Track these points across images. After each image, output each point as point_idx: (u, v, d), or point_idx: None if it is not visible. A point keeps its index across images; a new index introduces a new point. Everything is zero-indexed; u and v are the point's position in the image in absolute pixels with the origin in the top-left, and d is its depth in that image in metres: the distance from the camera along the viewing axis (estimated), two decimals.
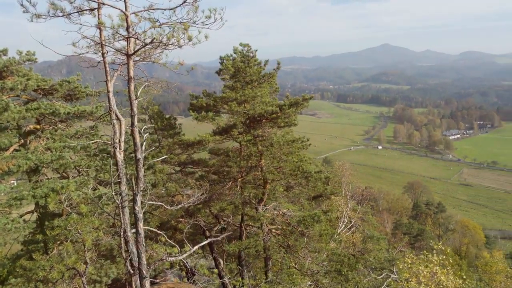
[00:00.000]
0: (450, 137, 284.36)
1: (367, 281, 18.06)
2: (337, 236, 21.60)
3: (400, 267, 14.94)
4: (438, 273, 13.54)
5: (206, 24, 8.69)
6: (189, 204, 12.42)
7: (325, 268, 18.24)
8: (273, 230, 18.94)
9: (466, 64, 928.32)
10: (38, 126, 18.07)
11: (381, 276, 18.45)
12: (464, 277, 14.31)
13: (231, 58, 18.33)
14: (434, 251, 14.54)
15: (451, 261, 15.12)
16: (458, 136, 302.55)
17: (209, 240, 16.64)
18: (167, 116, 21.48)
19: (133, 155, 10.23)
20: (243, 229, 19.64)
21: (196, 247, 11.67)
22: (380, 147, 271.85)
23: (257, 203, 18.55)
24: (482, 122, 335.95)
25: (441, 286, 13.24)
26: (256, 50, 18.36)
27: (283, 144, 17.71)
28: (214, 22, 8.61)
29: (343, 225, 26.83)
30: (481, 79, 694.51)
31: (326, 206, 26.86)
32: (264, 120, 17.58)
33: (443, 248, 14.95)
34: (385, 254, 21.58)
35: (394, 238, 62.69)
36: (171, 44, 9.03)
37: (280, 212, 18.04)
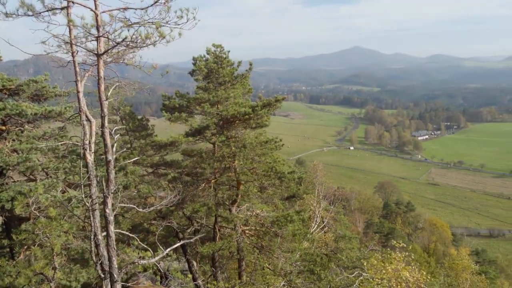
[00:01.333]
0: (419, 138, 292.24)
1: (339, 280, 18.33)
2: (310, 236, 21.83)
3: (365, 264, 15.30)
4: (402, 269, 13.93)
5: (179, 24, 8.63)
6: (161, 206, 12.29)
7: (298, 268, 18.40)
8: (247, 231, 18.97)
9: (434, 67, 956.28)
10: (3, 127, 17.48)
11: (353, 275, 18.77)
12: (430, 274, 14.77)
13: (204, 59, 18.26)
14: (397, 249, 14.98)
15: (413, 257, 15.57)
16: (427, 136, 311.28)
17: (182, 242, 16.52)
18: (139, 117, 21.18)
19: (103, 156, 10.03)
20: (217, 230, 19.59)
21: (169, 249, 11.57)
22: (352, 148, 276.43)
23: (231, 204, 18.54)
24: (449, 123, 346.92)
25: (404, 282, 13.62)
26: (229, 51, 18.36)
27: (256, 145, 17.77)
28: (187, 22, 8.57)
29: (316, 225, 27.13)
30: (448, 82, 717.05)
31: (299, 206, 27.10)
32: (237, 121, 17.59)
33: (405, 246, 15.40)
34: (357, 253, 21.98)
35: (366, 237, 63.86)
36: (143, 43, 8.93)
37: (254, 213, 18.09)
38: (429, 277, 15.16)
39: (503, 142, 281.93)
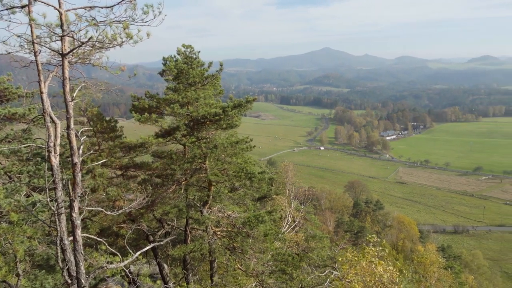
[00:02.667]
0: (387, 138, 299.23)
1: (310, 279, 18.52)
2: (282, 236, 21.96)
3: (340, 259, 15.51)
4: (376, 263, 14.19)
5: (146, 22, 8.50)
6: (131, 209, 12.07)
7: (270, 268, 18.47)
8: (219, 233, 18.89)
9: (401, 69, 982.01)
10: None
11: (324, 273, 19.01)
12: (401, 270, 15.12)
13: (174, 59, 18.07)
14: (371, 244, 15.25)
15: (387, 251, 15.91)
16: (394, 136, 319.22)
17: (152, 245, 16.25)
18: (107, 118, 20.70)
19: (70, 159, 9.76)
20: (188, 232, 19.42)
21: (139, 253, 11.37)
22: (322, 148, 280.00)
23: (202, 205, 18.41)
24: (415, 123, 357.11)
25: (378, 276, 13.88)
26: (199, 52, 18.25)
27: (227, 146, 17.73)
28: (154, 18, 8.45)
29: (287, 225, 27.31)
30: (415, 83, 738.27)
31: (271, 206, 27.21)
32: (207, 122, 17.49)
33: (379, 240, 15.73)
34: (328, 252, 22.27)
35: (336, 236, 64.84)
36: (110, 44, 8.74)
37: (225, 214, 18.04)
38: (398, 274, 15.53)
39: (466, 141, 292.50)
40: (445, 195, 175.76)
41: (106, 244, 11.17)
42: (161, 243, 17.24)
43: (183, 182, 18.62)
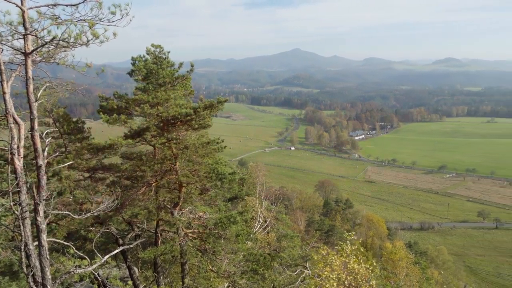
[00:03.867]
0: (356, 138, 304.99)
1: (282, 278, 18.65)
2: (253, 236, 22.00)
3: (315, 258, 15.63)
4: (351, 261, 14.39)
5: (113, 21, 8.33)
6: (99, 212, 11.80)
7: (241, 268, 18.47)
8: (190, 234, 18.73)
9: (368, 70, 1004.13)
10: None
11: (295, 273, 19.17)
12: (370, 267, 15.39)
13: (143, 59, 17.78)
14: (348, 241, 15.45)
15: (362, 250, 16.20)
16: (363, 136, 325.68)
17: (121, 248, 15.97)
18: (74, 119, 20.14)
19: (34, 161, 9.45)
20: (159, 234, 19.16)
21: (108, 256, 11.15)
22: (293, 148, 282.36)
23: (173, 207, 18.22)
24: (383, 123, 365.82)
25: (354, 273, 14.10)
26: (169, 52, 18.03)
27: (198, 147, 17.61)
28: (121, 18, 8.29)
29: (259, 225, 27.40)
30: (382, 84, 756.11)
31: (242, 207, 27.23)
32: (178, 123, 17.32)
33: (355, 238, 16.01)
34: (299, 251, 22.47)
35: (307, 235, 65.51)
36: (75, 43, 8.52)
37: (197, 216, 17.91)
38: (371, 271, 15.81)
39: (431, 140, 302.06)
40: (412, 193, 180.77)
41: (74, 248, 10.89)
42: (131, 246, 16.96)
43: (153, 184, 18.37)
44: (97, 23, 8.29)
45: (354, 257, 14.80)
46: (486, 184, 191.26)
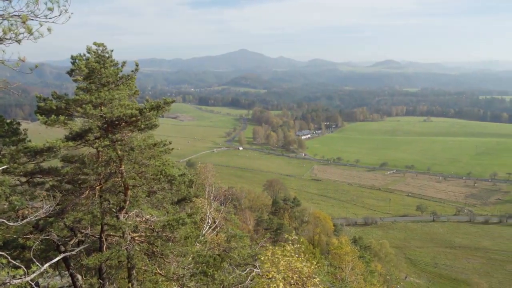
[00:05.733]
0: (303, 137, 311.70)
1: (232, 278, 18.64)
2: (202, 238, 21.83)
3: (262, 258, 15.80)
4: (293, 260, 14.69)
5: (50, 18, 7.90)
6: (37, 218, 11.18)
7: (191, 271, 18.26)
8: (137, 238, 18.24)
9: (314, 71, 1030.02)
10: None
11: (245, 272, 19.24)
12: (316, 263, 15.81)
13: (84, 58, 17.06)
14: (290, 241, 15.75)
15: (303, 249, 16.59)
16: (309, 136, 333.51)
17: (63, 255, 15.24)
18: (8, 121, 18.94)
19: None
20: (104, 239, 18.47)
21: (47, 264, 10.58)
22: (241, 148, 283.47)
23: (118, 211, 17.65)
24: (328, 123, 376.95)
25: (297, 272, 14.40)
26: (112, 50, 17.45)
27: (144, 148, 17.19)
28: (60, 15, 7.88)
29: (208, 226, 27.23)
30: (327, 84, 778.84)
31: (191, 208, 26.93)
32: (123, 124, 16.81)
33: (297, 238, 16.34)
34: (248, 250, 22.56)
35: (257, 234, 65.95)
36: (7, 39, 7.98)
37: (144, 219, 17.48)
38: (316, 267, 16.24)
39: (373, 139, 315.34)
40: (356, 190, 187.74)
41: (9, 257, 10.23)
42: (73, 252, 16.24)
43: (97, 187, 17.69)
44: (32, 19, 7.82)
45: (296, 256, 15.12)
46: (423, 179, 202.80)
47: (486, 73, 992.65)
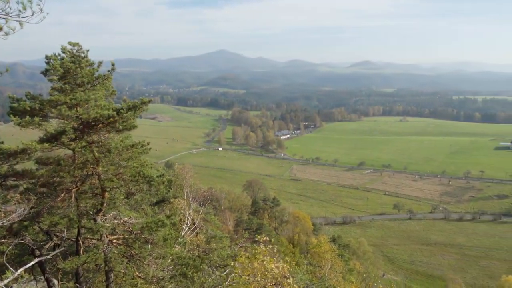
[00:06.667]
0: (282, 137, 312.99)
1: (211, 280, 18.60)
2: (182, 239, 21.69)
3: (232, 264, 15.85)
4: (265, 262, 14.76)
5: (23, 17, 7.68)
6: (9, 222, 10.91)
7: (170, 273, 18.12)
8: (115, 241, 17.98)
9: (293, 71, 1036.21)
10: None
11: (224, 273, 19.23)
12: (296, 263, 15.94)
13: (59, 57, 16.72)
14: (261, 244, 15.82)
15: (277, 248, 16.69)
16: (288, 136, 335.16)
17: (38, 259, 14.90)
18: None
19: None
20: (80, 243, 18.13)
21: (22, 269, 10.36)
22: (220, 149, 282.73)
23: (95, 213, 17.37)
24: (307, 123, 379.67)
25: (269, 274, 14.49)
26: (88, 50, 17.15)
27: (122, 150, 16.96)
28: (33, 15, 7.67)
29: (187, 228, 27.07)
30: (305, 85, 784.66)
31: (170, 210, 26.72)
32: (100, 125, 16.54)
33: (268, 239, 16.44)
34: (228, 251, 22.55)
35: (236, 234, 65.84)
36: None
37: (122, 221, 17.26)
38: (294, 266, 16.35)
39: (351, 139, 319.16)
40: (335, 189, 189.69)
41: None
42: (48, 256, 15.93)
43: (74, 190, 17.35)
44: (2, 17, 7.58)
45: (269, 258, 15.17)
46: (400, 178, 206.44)
47: (460, 73, 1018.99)
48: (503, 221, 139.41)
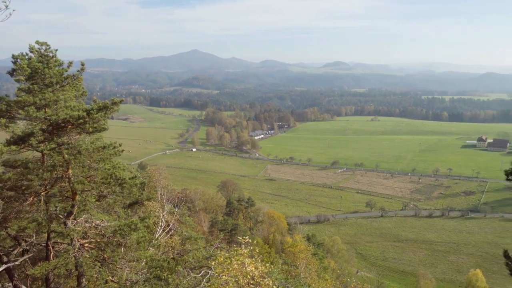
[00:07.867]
0: (256, 137, 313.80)
1: (187, 281, 18.45)
2: (156, 242, 21.42)
3: (213, 263, 15.81)
4: (246, 263, 14.78)
5: None
6: None
7: (144, 276, 17.87)
8: (86, 244, 17.59)
9: (266, 72, 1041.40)
10: None
11: (200, 274, 19.10)
12: (271, 263, 16.04)
13: (26, 57, 16.24)
14: (243, 245, 15.83)
15: (257, 250, 16.73)
16: (262, 136, 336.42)
17: (5, 266, 14.43)
18: None
19: None
20: (50, 248, 17.65)
21: None
22: (194, 149, 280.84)
23: (66, 217, 16.94)
24: (280, 123, 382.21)
25: (249, 275, 14.53)
26: (57, 50, 16.74)
27: (93, 151, 16.61)
28: None
29: (161, 230, 26.75)
30: (278, 85, 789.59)
31: (143, 212, 26.35)
32: (69, 126, 16.16)
33: (250, 240, 16.46)
34: (203, 252, 22.41)
35: (211, 235, 65.61)
36: None
37: (93, 224, 16.89)
38: (270, 266, 16.44)
39: (324, 138, 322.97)
40: (309, 188, 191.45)
41: None
42: (16, 263, 15.46)
43: (43, 193, 16.88)
44: None
45: (250, 259, 15.23)
46: (372, 177, 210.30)
47: (428, 74, 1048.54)
48: (471, 217, 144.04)
